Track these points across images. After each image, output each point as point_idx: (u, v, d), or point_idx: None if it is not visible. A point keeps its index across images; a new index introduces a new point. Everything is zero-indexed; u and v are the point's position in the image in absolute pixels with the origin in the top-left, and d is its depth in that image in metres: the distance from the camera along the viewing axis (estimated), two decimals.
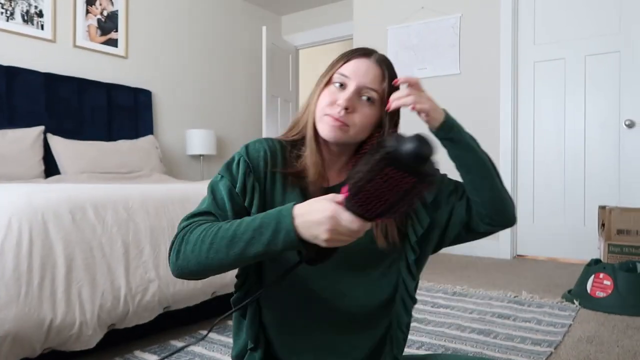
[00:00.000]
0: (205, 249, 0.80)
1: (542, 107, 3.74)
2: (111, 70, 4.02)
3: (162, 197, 1.87)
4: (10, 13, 3.39)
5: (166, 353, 1.70)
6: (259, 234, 0.77)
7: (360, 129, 0.92)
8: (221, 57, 5.07)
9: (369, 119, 0.92)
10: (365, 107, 0.92)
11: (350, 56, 0.94)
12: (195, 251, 0.81)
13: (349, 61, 0.94)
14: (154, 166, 3.85)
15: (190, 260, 0.82)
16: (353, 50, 0.96)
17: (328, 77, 0.94)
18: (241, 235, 0.78)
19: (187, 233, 0.84)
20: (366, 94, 0.91)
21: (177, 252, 0.84)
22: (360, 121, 0.91)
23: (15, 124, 3.30)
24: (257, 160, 0.93)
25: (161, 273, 1.73)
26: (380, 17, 4.41)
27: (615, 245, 2.68)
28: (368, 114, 0.92)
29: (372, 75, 0.92)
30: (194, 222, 0.87)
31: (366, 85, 0.91)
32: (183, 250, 0.83)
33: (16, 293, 1.35)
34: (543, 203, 3.72)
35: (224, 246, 0.79)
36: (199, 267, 0.81)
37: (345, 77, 0.92)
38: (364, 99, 0.91)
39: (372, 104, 0.92)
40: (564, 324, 2.04)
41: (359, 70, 0.92)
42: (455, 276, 3.07)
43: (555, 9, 3.66)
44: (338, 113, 0.89)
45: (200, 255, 0.80)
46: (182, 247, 0.83)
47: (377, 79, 0.92)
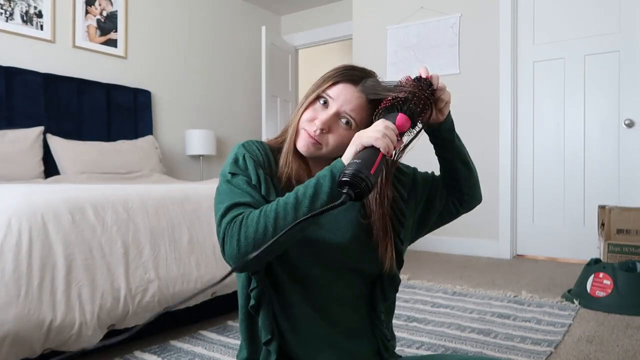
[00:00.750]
0: (272, 222, 0.82)
1: (541, 107, 3.74)
2: (111, 71, 4.02)
3: (161, 197, 1.87)
4: (9, 13, 3.39)
5: (166, 354, 1.70)
6: (319, 186, 0.83)
7: (333, 148, 0.97)
8: (221, 57, 5.07)
9: (343, 140, 0.96)
10: (342, 129, 0.97)
11: (338, 79, 0.97)
12: (260, 229, 0.83)
13: (336, 84, 0.97)
14: (153, 166, 3.85)
15: (255, 241, 0.83)
16: (343, 72, 0.98)
17: (315, 94, 0.98)
18: (303, 195, 0.83)
19: (242, 220, 0.85)
20: (345, 118, 0.96)
21: (238, 239, 0.84)
22: (334, 141, 0.96)
23: (14, 124, 3.30)
24: (257, 156, 0.98)
25: (161, 273, 1.73)
26: (380, 17, 4.41)
27: (615, 245, 2.68)
28: (343, 135, 0.97)
29: (354, 104, 0.96)
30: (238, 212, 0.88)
31: (346, 112, 0.95)
32: (245, 236, 0.83)
33: (16, 293, 1.35)
34: (543, 203, 3.72)
35: (290, 211, 0.83)
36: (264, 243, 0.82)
37: (329, 97, 0.96)
38: (343, 122, 0.96)
39: (349, 127, 0.96)
40: (563, 324, 2.05)
41: (342, 95, 0.96)
42: (455, 276, 3.07)
43: (555, 8, 3.66)
44: (314, 132, 0.95)
45: (267, 232, 0.82)
46: (242, 232, 0.84)
47: (358, 108, 0.96)
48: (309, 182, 0.85)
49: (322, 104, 0.96)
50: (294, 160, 0.98)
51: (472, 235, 3.93)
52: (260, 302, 0.95)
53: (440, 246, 4.06)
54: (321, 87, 0.97)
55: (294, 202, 0.83)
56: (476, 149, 3.86)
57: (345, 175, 0.78)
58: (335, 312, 1.00)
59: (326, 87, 0.97)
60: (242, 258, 0.84)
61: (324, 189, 0.83)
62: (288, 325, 0.97)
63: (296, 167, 0.98)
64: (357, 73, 0.98)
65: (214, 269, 1.93)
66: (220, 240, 0.87)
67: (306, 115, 0.97)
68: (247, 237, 0.83)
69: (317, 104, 0.97)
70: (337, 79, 0.97)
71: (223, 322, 2.05)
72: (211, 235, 1.97)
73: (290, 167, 0.97)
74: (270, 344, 0.95)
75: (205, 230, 1.95)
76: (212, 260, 1.93)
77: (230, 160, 0.97)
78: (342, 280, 1.00)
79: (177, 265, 1.80)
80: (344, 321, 1.01)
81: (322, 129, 0.95)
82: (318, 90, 0.97)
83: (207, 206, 2.01)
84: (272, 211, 0.83)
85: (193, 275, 1.84)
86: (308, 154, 0.98)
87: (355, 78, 0.97)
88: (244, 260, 0.84)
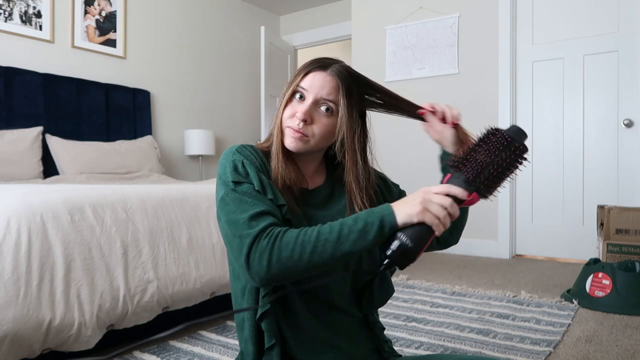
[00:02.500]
0: (308, 253, 0.82)
1: (540, 107, 3.74)
2: (109, 71, 4.02)
3: (160, 197, 1.87)
4: (8, 14, 3.39)
5: (165, 354, 1.70)
6: (364, 233, 0.82)
7: (320, 138, 0.98)
8: (219, 57, 5.07)
9: (327, 128, 0.98)
10: (324, 118, 0.97)
11: (308, 69, 0.98)
12: (295, 256, 0.82)
13: (307, 75, 0.98)
14: (152, 166, 3.85)
15: (288, 265, 0.82)
16: (311, 63, 1.00)
17: (290, 90, 0.99)
18: (347, 236, 0.82)
19: (278, 238, 0.84)
20: (324, 105, 0.97)
21: (269, 258, 0.82)
22: (320, 131, 0.97)
23: (13, 124, 3.30)
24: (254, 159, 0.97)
25: (160, 273, 1.73)
26: (379, 17, 4.41)
27: (614, 245, 2.68)
28: (326, 124, 0.97)
29: (328, 87, 0.96)
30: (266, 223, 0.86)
31: (323, 97, 0.96)
32: (277, 257, 0.82)
33: (15, 294, 1.35)
34: (542, 203, 3.72)
35: (329, 249, 0.82)
36: (294, 271, 0.83)
37: (303, 89, 0.97)
38: (323, 109, 0.97)
39: (331, 114, 0.97)
40: (562, 324, 2.05)
41: (315, 83, 0.97)
42: (454, 276, 3.07)
43: (554, 8, 3.66)
44: (297, 125, 0.96)
45: (302, 259, 0.82)
46: (275, 253, 0.82)
47: (333, 90, 0.97)
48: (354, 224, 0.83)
49: (299, 98, 0.98)
50: (283, 162, 0.98)
51: (471, 235, 3.93)
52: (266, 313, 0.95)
53: None
54: (294, 82, 0.99)
55: (336, 239, 0.82)
56: None
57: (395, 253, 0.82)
58: (334, 315, 1.01)
59: (298, 81, 0.98)
60: (272, 278, 0.83)
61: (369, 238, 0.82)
62: (290, 330, 0.97)
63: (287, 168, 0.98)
64: (325, 60, 1.00)
65: (213, 269, 1.93)
66: (245, 255, 0.84)
67: (286, 113, 0.98)
68: (279, 260, 0.82)
69: (294, 100, 0.98)
70: (307, 69, 0.98)
71: (222, 322, 2.05)
72: (210, 236, 1.97)
73: (281, 169, 0.97)
74: (273, 349, 0.95)
75: (205, 230, 1.95)
76: (211, 260, 1.93)
77: (230, 169, 0.94)
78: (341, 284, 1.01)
79: (176, 265, 1.80)
80: (343, 324, 1.02)
81: (305, 120, 0.95)
82: (292, 87, 0.99)
83: (206, 206, 2.01)
84: (311, 242, 0.82)
85: (192, 275, 1.84)
86: (297, 150, 0.98)
87: (324, 64, 0.99)
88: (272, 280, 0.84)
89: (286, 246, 0.83)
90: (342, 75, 0.97)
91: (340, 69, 0.98)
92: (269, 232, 0.84)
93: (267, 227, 0.85)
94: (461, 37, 3.98)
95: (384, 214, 0.83)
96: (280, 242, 0.83)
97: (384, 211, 0.84)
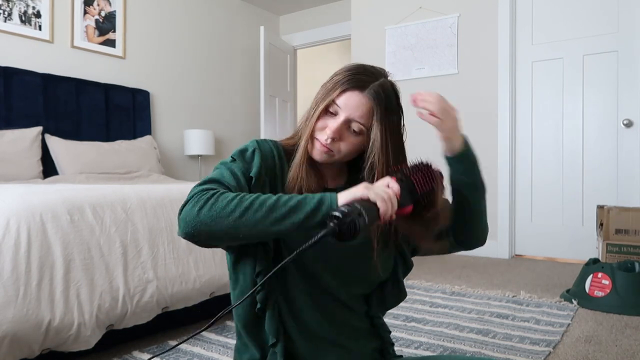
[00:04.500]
0: (242, 209, 0.81)
1: (540, 107, 3.74)
2: (109, 71, 4.02)
3: (160, 197, 1.87)
4: (8, 14, 3.39)
5: (165, 354, 1.69)
6: (301, 205, 0.82)
7: (345, 154, 0.99)
8: (219, 57, 5.07)
9: (354, 147, 0.99)
10: (352, 137, 0.98)
11: (346, 87, 0.96)
12: (229, 209, 0.82)
13: (343, 92, 0.96)
14: (152, 166, 3.85)
15: (216, 219, 0.82)
16: (349, 79, 0.97)
17: (325, 103, 0.97)
18: (285, 202, 0.82)
19: (215, 193, 0.84)
20: (354, 125, 0.96)
21: (200, 208, 0.83)
22: (346, 149, 0.98)
23: (13, 124, 3.29)
24: (267, 156, 0.98)
25: (159, 273, 1.73)
26: (378, 17, 4.41)
27: (613, 245, 2.68)
28: (354, 142, 0.98)
29: (362, 110, 0.96)
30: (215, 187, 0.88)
31: (355, 119, 0.96)
32: (210, 206, 0.82)
33: (14, 294, 1.35)
34: (541, 203, 3.72)
35: (265, 209, 0.82)
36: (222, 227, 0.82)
37: (337, 107, 0.97)
38: (353, 129, 0.97)
39: (360, 133, 0.97)
40: (562, 324, 2.05)
41: (350, 103, 0.96)
42: (453, 276, 3.07)
43: (553, 9, 3.66)
44: (325, 140, 0.96)
45: (234, 213, 0.81)
46: (208, 204, 0.83)
47: (367, 114, 0.96)
48: (295, 195, 0.85)
49: (332, 112, 0.98)
50: (307, 171, 0.98)
51: None
52: (266, 304, 0.95)
53: None
54: (330, 95, 0.97)
55: (272, 205, 0.82)
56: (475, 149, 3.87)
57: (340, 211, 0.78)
58: (342, 314, 1.01)
59: (335, 96, 0.97)
60: (196, 226, 0.82)
61: (306, 208, 0.82)
62: (296, 328, 0.97)
63: (308, 178, 0.98)
64: (364, 78, 0.97)
65: (212, 269, 1.93)
66: (183, 203, 0.86)
67: (318, 124, 0.98)
68: (211, 209, 0.82)
69: (327, 112, 0.98)
70: (345, 86, 0.96)
71: (222, 322, 2.05)
72: None
73: (301, 178, 0.97)
74: (276, 346, 0.95)
75: None
76: (210, 261, 1.93)
77: (239, 148, 0.98)
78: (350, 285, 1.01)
79: (176, 265, 1.80)
80: (350, 323, 1.02)
81: (334, 138, 0.96)
82: (327, 100, 0.97)
83: None
84: (247, 200, 0.83)
85: (192, 275, 1.84)
86: (321, 161, 0.99)
87: (361, 83, 0.96)
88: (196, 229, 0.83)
89: (223, 199, 0.83)
90: (379, 97, 0.95)
91: (377, 91, 0.95)
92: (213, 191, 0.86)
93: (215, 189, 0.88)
94: (461, 37, 3.99)
95: (325, 194, 0.84)
96: (218, 197, 0.84)
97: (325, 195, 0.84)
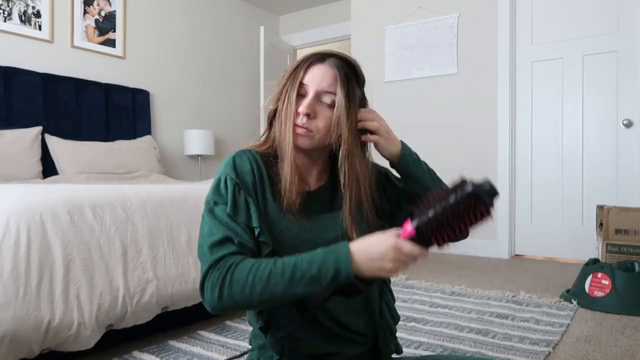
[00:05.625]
0: (258, 292, 0.82)
1: (539, 107, 3.74)
2: (109, 71, 4.02)
3: (160, 197, 1.87)
4: (7, 13, 3.39)
5: (164, 354, 1.69)
6: (318, 279, 0.81)
7: (324, 133, 0.96)
8: (219, 57, 5.07)
9: (330, 122, 0.96)
10: (326, 111, 0.96)
11: (308, 65, 0.98)
12: (246, 293, 0.83)
13: (307, 70, 0.97)
14: (152, 166, 3.85)
15: (238, 301, 0.84)
16: (309, 57, 0.99)
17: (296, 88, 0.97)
18: (299, 281, 0.81)
19: (229, 272, 0.85)
20: (326, 96, 0.96)
21: (220, 292, 0.84)
22: (323, 124, 0.96)
23: (13, 124, 3.29)
24: (243, 175, 0.95)
25: (159, 273, 1.73)
26: (378, 17, 4.41)
27: (613, 245, 2.68)
28: (330, 117, 0.96)
29: (328, 79, 0.96)
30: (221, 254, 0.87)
31: (324, 90, 0.96)
32: (228, 292, 0.84)
33: (14, 294, 1.35)
34: (541, 203, 3.72)
35: (279, 290, 0.82)
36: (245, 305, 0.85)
37: (305, 85, 0.97)
38: (325, 102, 0.96)
39: (333, 107, 0.96)
40: (562, 324, 2.05)
41: (315, 77, 0.96)
42: (453, 276, 3.07)
43: (553, 9, 3.67)
44: (301, 121, 0.95)
45: (252, 297, 0.83)
46: (226, 287, 0.84)
47: (333, 82, 0.96)
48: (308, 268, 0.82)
49: (302, 95, 0.97)
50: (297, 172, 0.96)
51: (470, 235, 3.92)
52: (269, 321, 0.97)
53: None
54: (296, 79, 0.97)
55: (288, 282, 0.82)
56: (474, 148, 3.87)
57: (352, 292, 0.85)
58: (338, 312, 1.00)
59: (301, 77, 0.97)
60: (222, 308, 0.86)
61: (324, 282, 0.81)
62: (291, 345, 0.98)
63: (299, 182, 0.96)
64: (321, 52, 1.00)
65: None
66: (200, 283, 0.87)
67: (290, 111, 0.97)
68: (230, 295, 0.84)
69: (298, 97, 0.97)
70: (306, 64, 0.98)
71: (221, 322, 2.05)
72: None
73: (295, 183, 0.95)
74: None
75: None
76: None
77: (214, 184, 0.95)
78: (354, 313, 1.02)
79: (176, 265, 1.80)
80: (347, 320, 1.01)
81: (308, 114, 0.94)
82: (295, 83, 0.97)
83: None
84: (262, 281, 0.82)
85: (191, 275, 1.84)
86: (303, 146, 0.97)
87: (322, 56, 0.98)
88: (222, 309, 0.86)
89: (237, 282, 0.84)
90: (339, 65, 0.97)
91: (338, 60, 0.98)
92: (222, 264, 0.86)
93: (223, 257, 0.86)
94: (461, 37, 3.99)
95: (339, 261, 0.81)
96: (232, 277, 0.84)
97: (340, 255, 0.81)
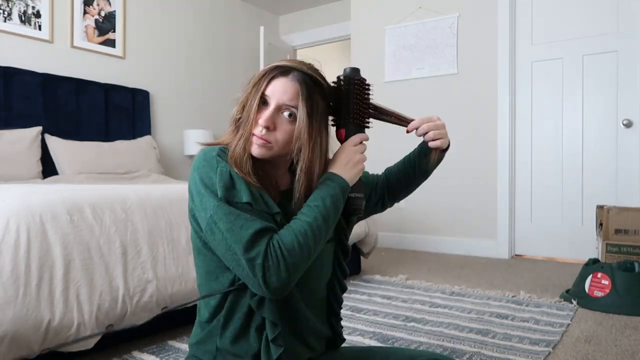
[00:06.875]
0: (313, 247, 0.91)
1: (539, 107, 3.74)
2: (109, 71, 4.01)
3: (160, 197, 1.87)
4: (7, 13, 3.39)
5: (164, 354, 1.69)
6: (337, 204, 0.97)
7: (282, 145, 0.98)
8: (219, 57, 5.07)
9: (290, 135, 0.97)
10: (286, 124, 0.97)
11: (270, 77, 0.98)
12: (305, 256, 0.90)
13: (270, 82, 0.98)
14: (151, 167, 3.85)
15: (302, 265, 0.90)
16: (272, 69, 0.99)
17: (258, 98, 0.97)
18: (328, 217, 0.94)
19: (281, 250, 0.87)
20: (286, 111, 0.97)
21: (287, 269, 0.87)
22: (282, 138, 0.97)
23: (12, 124, 3.29)
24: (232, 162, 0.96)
25: (159, 273, 1.73)
26: (378, 17, 4.42)
27: (613, 245, 2.68)
28: (289, 130, 0.97)
29: (289, 94, 0.96)
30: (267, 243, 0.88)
31: (285, 103, 0.96)
32: (292, 265, 0.88)
33: (14, 294, 1.35)
34: (541, 203, 3.73)
35: (324, 234, 0.94)
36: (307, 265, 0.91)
37: (267, 96, 0.98)
38: (285, 115, 0.97)
39: (294, 120, 0.97)
40: (562, 324, 2.05)
41: (277, 89, 0.97)
42: (453, 276, 3.07)
43: (553, 8, 3.67)
44: (260, 132, 0.95)
45: (310, 255, 0.91)
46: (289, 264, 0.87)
47: (295, 97, 0.96)
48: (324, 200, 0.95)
49: (262, 104, 0.98)
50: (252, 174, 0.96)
51: (470, 235, 3.93)
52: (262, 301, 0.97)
53: (438, 246, 4.07)
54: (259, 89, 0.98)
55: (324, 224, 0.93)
56: (474, 148, 3.87)
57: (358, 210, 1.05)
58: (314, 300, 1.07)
59: (263, 87, 0.97)
60: (292, 281, 0.88)
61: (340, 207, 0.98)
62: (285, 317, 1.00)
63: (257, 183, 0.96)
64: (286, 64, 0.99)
65: None
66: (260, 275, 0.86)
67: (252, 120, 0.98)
68: (295, 265, 0.88)
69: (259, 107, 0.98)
70: (270, 76, 0.98)
71: None
72: None
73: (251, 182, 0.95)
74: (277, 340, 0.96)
75: None
76: None
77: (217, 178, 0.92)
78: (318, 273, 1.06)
79: (176, 265, 1.80)
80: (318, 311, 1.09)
81: (267, 127, 0.95)
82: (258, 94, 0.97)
83: None
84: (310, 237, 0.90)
85: (191, 275, 1.84)
86: (261, 157, 0.97)
87: (285, 69, 0.98)
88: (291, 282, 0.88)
89: (293, 251, 0.88)
90: (303, 80, 0.97)
91: (301, 75, 0.97)
92: (271, 249, 0.88)
93: (267, 245, 0.88)
94: (460, 37, 3.99)
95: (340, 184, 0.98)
96: (287, 251, 0.88)
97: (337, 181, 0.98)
